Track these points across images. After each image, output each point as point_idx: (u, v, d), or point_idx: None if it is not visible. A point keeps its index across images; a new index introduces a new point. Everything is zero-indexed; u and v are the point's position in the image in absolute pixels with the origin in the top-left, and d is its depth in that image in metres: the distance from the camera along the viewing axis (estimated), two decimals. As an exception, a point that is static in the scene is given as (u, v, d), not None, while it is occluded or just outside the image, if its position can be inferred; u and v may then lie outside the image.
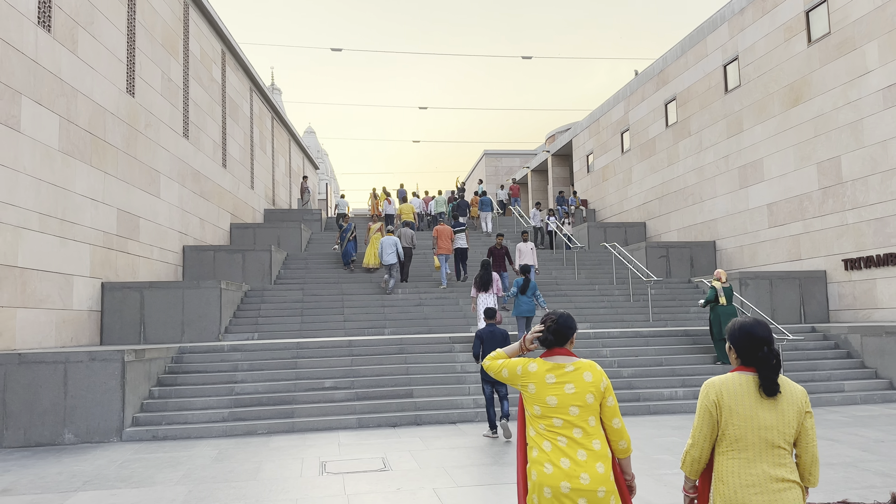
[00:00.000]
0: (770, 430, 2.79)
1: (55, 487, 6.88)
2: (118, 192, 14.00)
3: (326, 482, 6.78)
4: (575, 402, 3.05)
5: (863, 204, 14.65)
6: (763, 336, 2.88)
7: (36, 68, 11.19)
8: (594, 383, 3.09)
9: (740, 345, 2.92)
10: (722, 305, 12.50)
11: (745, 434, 2.80)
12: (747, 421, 2.80)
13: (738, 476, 2.79)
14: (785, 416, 2.81)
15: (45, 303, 11.37)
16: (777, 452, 2.79)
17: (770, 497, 2.74)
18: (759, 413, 2.80)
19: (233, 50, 22.71)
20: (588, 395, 3.06)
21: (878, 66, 14.28)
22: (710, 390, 2.88)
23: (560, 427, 3.05)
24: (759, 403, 2.82)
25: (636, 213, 25.09)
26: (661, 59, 23.45)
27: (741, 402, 2.82)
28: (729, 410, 2.82)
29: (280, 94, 49.93)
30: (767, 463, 2.78)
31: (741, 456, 2.80)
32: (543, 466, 3.01)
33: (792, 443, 2.83)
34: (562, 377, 3.09)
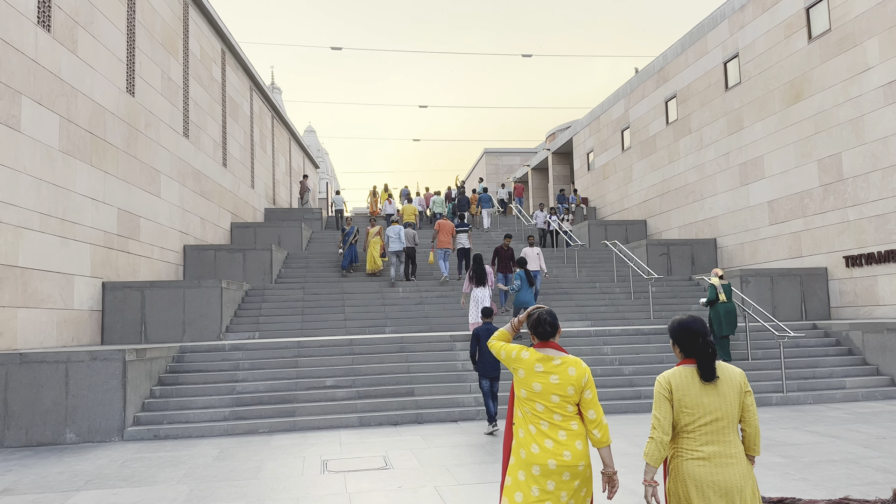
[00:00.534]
0: (715, 413, 3.18)
1: (57, 487, 6.89)
2: (119, 191, 14.00)
3: (328, 481, 6.78)
4: (557, 391, 3.43)
5: (864, 201, 14.64)
6: (699, 329, 3.27)
7: (36, 68, 11.18)
8: (577, 378, 3.46)
9: (681, 339, 3.29)
10: (722, 302, 12.51)
11: (695, 419, 3.18)
12: (695, 408, 3.19)
13: (692, 454, 3.18)
14: (727, 399, 3.20)
15: (47, 302, 11.38)
16: (724, 431, 3.18)
17: (721, 470, 3.13)
18: (704, 400, 3.20)
19: (233, 49, 22.70)
20: (569, 387, 3.44)
21: (878, 62, 14.26)
22: (663, 382, 3.28)
23: (542, 412, 3.45)
24: (703, 391, 3.21)
25: (637, 211, 25.08)
26: (661, 57, 23.43)
27: (688, 392, 3.21)
28: (679, 401, 3.21)
29: (280, 93, 49.94)
30: (717, 442, 3.17)
31: (697, 436, 3.18)
32: (530, 447, 3.40)
33: (737, 421, 3.22)
34: (549, 368, 3.47)
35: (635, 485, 6.29)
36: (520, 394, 3.53)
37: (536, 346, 3.58)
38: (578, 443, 3.40)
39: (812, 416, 9.96)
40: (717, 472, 3.14)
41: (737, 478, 3.15)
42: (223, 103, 21.69)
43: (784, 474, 6.55)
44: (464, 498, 6.00)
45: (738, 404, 3.23)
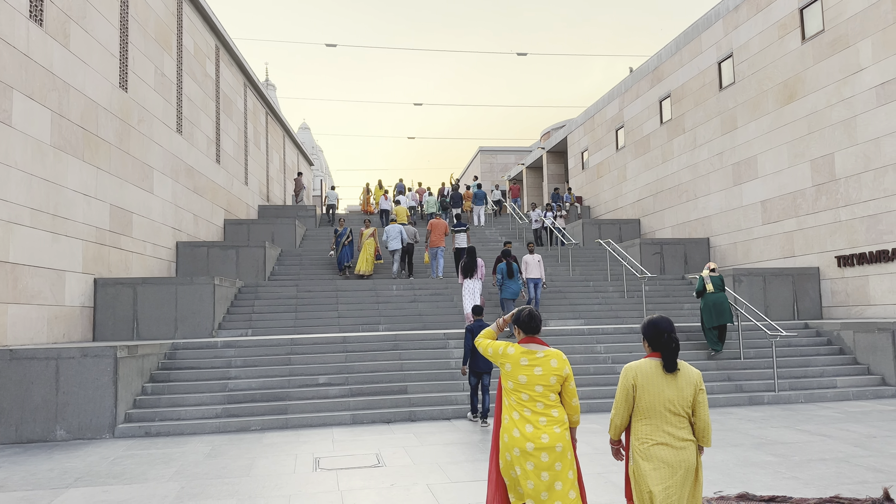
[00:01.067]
0: (672, 402, 3.63)
1: (47, 484, 6.85)
2: (111, 187, 13.93)
3: (320, 478, 6.77)
4: (540, 381, 3.83)
5: (856, 201, 14.69)
6: (665, 327, 3.72)
7: (27, 62, 11.11)
8: (558, 369, 3.87)
9: (649, 335, 3.75)
10: (710, 293, 12.63)
11: (654, 405, 3.64)
12: (655, 396, 3.64)
13: (649, 436, 3.64)
14: (683, 392, 3.65)
15: (37, 298, 11.31)
16: (678, 419, 3.64)
17: (672, 451, 3.59)
18: (664, 390, 3.64)
19: (227, 45, 22.62)
20: (552, 377, 3.84)
21: (871, 63, 14.31)
22: (629, 373, 3.70)
23: (526, 401, 3.83)
24: (664, 382, 3.65)
25: (630, 210, 25.11)
26: (655, 56, 23.46)
27: (651, 382, 3.65)
28: (642, 388, 3.66)
29: (274, 89, 49.79)
30: (671, 426, 3.63)
31: (651, 422, 3.65)
32: (512, 432, 3.79)
33: (689, 412, 3.68)
34: (533, 361, 3.85)
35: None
36: (507, 385, 3.90)
37: (521, 342, 3.96)
38: (556, 427, 3.79)
39: (803, 415, 10.00)
40: (669, 454, 3.60)
41: (685, 459, 3.60)
42: (217, 99, 21.61)
43: (775, 473, 6.57)
44: (456, 495, 6.00)
45: (692, 399, 3.67)
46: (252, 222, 21.61)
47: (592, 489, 6.09)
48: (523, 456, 3.74)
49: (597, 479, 6.44)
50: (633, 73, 25.30)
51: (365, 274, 18.41)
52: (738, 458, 7.24)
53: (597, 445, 8.08)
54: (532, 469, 3.73)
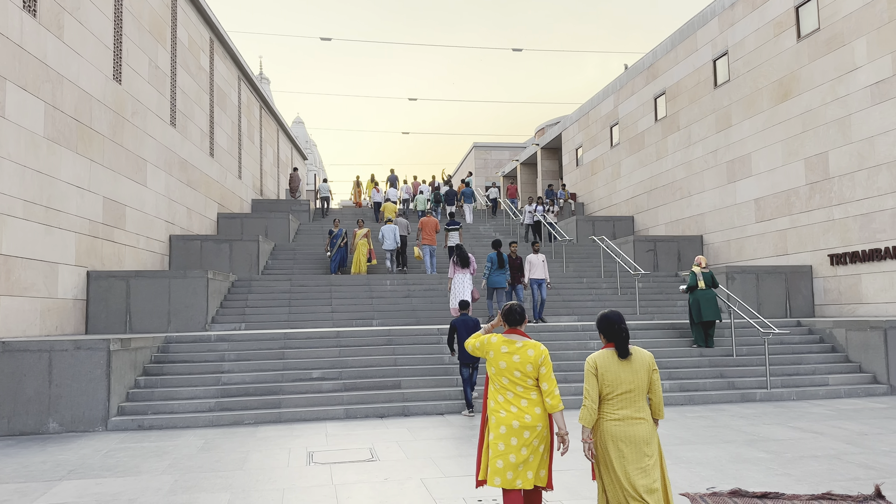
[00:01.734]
0: (629, 385, 4.12)
1: (39, 476, 6.83)
2: (104, 180, 13.86)
3: (314, 472, 6.77)
4: (518, 368, 4.30)
5: (849, 199, 14.76)
6: (615, 319, 4.21)
7: (21, 53, 11.03)
8: (534, 358, 4.32)
9: (603, 327, 4.23)
10: (701, 290, 12.77)
11: (614, 390, 4.13)
12: (613, 381, 4.12)
13: (611, 417, 4.12)
14: (638, 374, 4.14)
15: (30, 291, 11.26)
16: (634, 399, 4.12)
17: (631, 428, 4.09)
18: (621, 375, 4.12)
19: (221, 38, 22.52)
20: (528, 365, 4.30)
21: (866, 62, 14.36)
22: (591, 361, 4.18)
23: (507, 384, 4.33)
24: (620, 368, 4.13)
25: (624, 207, 25.15)
26: (650, 54, 23.48)
27: (609, 369, 4.13)
28: (602, 375, 4.14)
29: (268, 83, 49.64)
30: (630, 407, 4.12)
31: (614, 402, 4.13)
32: (499, 413, 4.31)
33: (646, 392, 4.16)
34: (512, 350, 4.34)
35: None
36: (490, 371, 4.40)
37: (505, 332, 4.45)
38: (537, 409, 4.29)
39: (795, 413, 10.05)
40: (628, 429, 4.08)
41: (643, 433, 4.10)
42: (211, 92, 21.52)
43: (767, 469, 6.61)
44: (449, 490, 6.00)
45: (647, 379, 4.17)
46: (245, 216, 21.55)
47: (585, 484, 6.11)
48: (509, 433, 4.25)
49: (589, 474, 6.45)
50: (628, 70, 25.31)
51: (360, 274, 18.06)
52: (730, 455, 7.27)
53: (590, 441, 8.10)
54: (515, 444, 4.24)
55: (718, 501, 5.48)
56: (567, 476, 6.40)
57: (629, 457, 4.04)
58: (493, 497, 5.74)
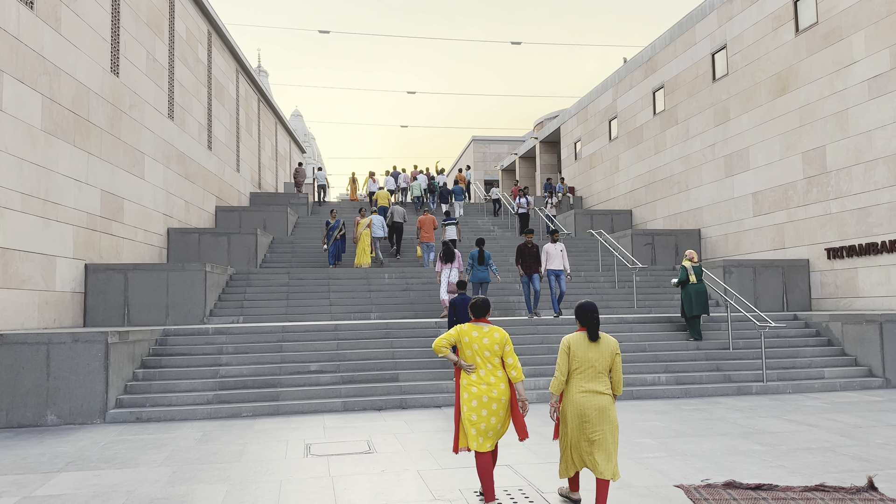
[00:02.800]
0: (595, 363, 5.00)
1: (38, 468, 6.86)
2: (102, 172, 13.86)
3: (311, 464, 6.80)
4: (487, 348, 5.21)
5: (846, 193, 14.78)
6: (590, 308, 5.07)
7: (18, 46, 11.01)
8: (500, 339, 5.24)
9: (579, 315, 5.13)
10: (693, 284, 12.92)
11: (582, 365, 5.01)
12: (583, 359, 5.01)
13: (578, 389, 5.02)
14: (603, 355, 5.02)
15: (28, 284, 11.27)
16: (600, 376, 5.02)
17: (594, 400, 4.96)
18: (589, 354, 5.01)
19: (219, 30, 22.47)
20: (496, 345, 5.23)
21: (864, 56, 14.36)
22: (565, 341, 5.10)
23: (480, 363, 5.22)
24: (589, 348, 5.03)
25: (623, 201, 25.18)
26: (649, 47, 23.46)
27: (579, 349, 5.03)
28: (573, 353, 5.04)
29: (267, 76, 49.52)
30: (594, 382, 5.00)
31: (579, 378, 5.03)
32: (471, 389, 5.18)
33: (608, 371, 5.05)
34: (481, 334, 5.25)
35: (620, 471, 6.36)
36: (465, 353, 5.26)
37: (472, 322, 5.37)
38: (502, 384, 5.19)
39: (791, 405, 10.09)
40: (592, 400, 4.97)
41: (604, 404, 4.97)
42: (209, 85, 21.49)
43: (762, 461, 6.65)
44: (446, 481, 6.04)
45: (611, 360, 5.05)
46: (244, 209, 21.54)
47: (582, 476, 6.15)
48: (480, 404, 5.15)
49: (586, 467, 6.51)
50: (626, 64, 25.29)
51: (363, 266, 17.78)
52: (725, 447, 7.31)
53: (586, 433, 8.15)
54: (485, 415, 5.16)
55: (713, 493, 5.51)
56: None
57: (590, 422, 4.97)
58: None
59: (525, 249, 13.93)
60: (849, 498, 5.36)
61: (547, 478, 6.11)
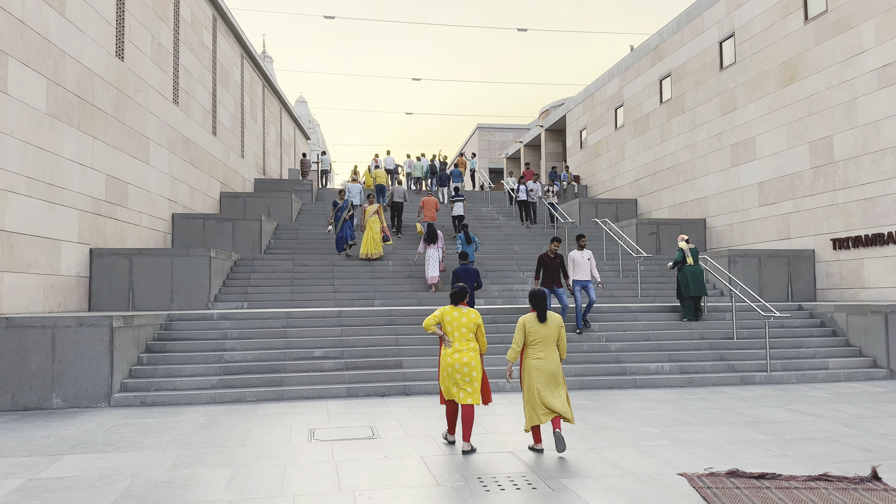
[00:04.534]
0: (546, 336, 6.57)
1: (43, 451, 6.90)
2: (107, 157, 13.85)
3: (315, 449, 6.82)
4: (465, 325, 6.75)
5: (853, 184, 14.70)
6: (540, 295, 6.61)
7: (23, 29, 10.98)
8: (474, 319, 6.79)
9: (532, 300, 6.65)
10: (689, 265, 13.25)
11: (535, 339, 6.58)
12: (535, 334, 6.58)
13: (533, 356, 6.58)
14: (551, 330, 6.60)
15: (33, 267, 11.30)
16: (548, 346, 6.57)
17: (545, 364, 6.52)
18: (541, 330, 6.58)
19: (224, 15, 22.38)
20: (471, 323, 6.76)
21: (873, 45, 14.23)
22: (521, 321, 6.64)
23: (457, 337, 6.73)
24: (540, 326, 6.59)
25: (628, 190, 25.09)
26: (656, 35, 23.29)
27: (533, 326, 6.59)
28: (528, 329, 6.60)
29: (271, 61, 49.37)
30: (545, 351, 6.56)
31: (533, 348, 6.60)
32: (447, 356, 6.70)
33: (555, 342, 6.62)
34: (460, 314, 6.80)
35: (622, 458, 6.37)
36: (447, 329, 6.78)
37: (452, 305, 6.90)
38: (473, 353, 6.71)
39: (794, 395, 10.09)
40: (544, 365, 6.54)
41: (553, 367, 6.55)
42: (213, 71, 21.43)
43: (765, 451, 6.65)
44: (449, 466, 6.06)
45: (557, 334, 6.62)
46: (248, 195, 21.53)
47: (584, 463, 6.17)
48: (453, 370, 6.67)
49: (588, 454, 6.51)
50: (633, 52, 25.13)
51: (371, 257, 16.81)
52: (729, 436, 7.31)
53: (589, 422, 8.16)
54: (459, 378, 6.66)
55: (716, 482, 5.52)
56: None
57: (543, 383, 6.51)
58: (493, 475, 5.79)
59: (547, 260, 12.20)
60: (852, 488, 5.36)
61: (549, 465, 6.12)
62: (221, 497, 5.27)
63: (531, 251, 19.01)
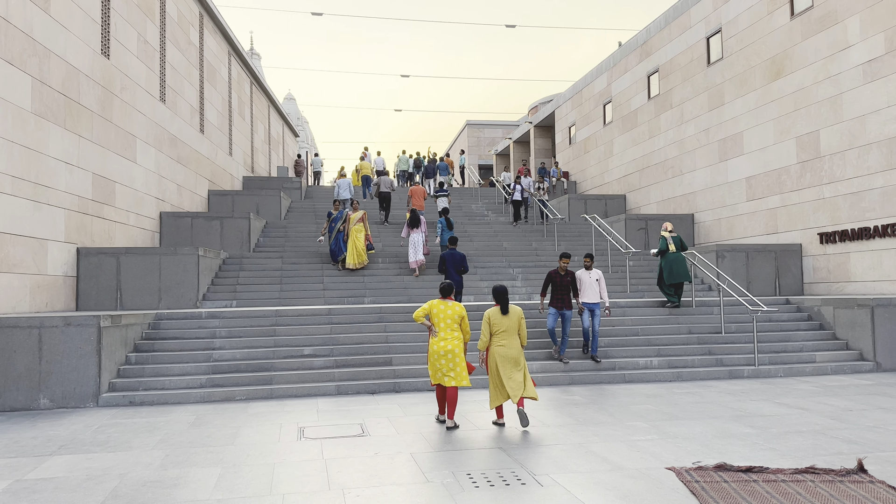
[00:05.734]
0: (508, 327, 7.55)
1: (30, 451, 6.85)
2: (93, 156, 13.75)
3: (304, 447, 6.82)
4: (450, 317, 7.67)
5: (839, 178, 14.80)
6: (501, 290, 7.57)
7: (7, 26, 10.88)
8: (459, 311, 7.71)
9: (495, 295, 7.61)
10: (671, 252, 13.51)
11: (499, 329, 7.54)
12: (498, 325, 7.53)
13: (497, 344, 7.55)
14: (512, 321, 7.56)
15: (19, 267, 11.21)
16: (510, 335, 7.55)
17: (508, 350, 7.49)
18: (503, 321, 7.55)
19: (211, 12, 22.24)
20: (456, 315, 7.69)
21: (858, 40, 14.32)
22: (486, 314, 7.60)
23: (443, 327, 7.65)
24: (502, 318, 7.56)
25: (616, 186, 25.16)
26: (644, 31, 23.35)
27: (496, 318, 7.56)
28: (492, 321, 7.55)
29: (259, 59, 49.13)
30: (507, 340, 7.54)
31: (499, 337, 7.55)
32: (434, 345, 7.63)
33: (517, 331, 7.58)
34: (446, 307, 7.71)
35: (610, 453, 6.39)
36: (435, 321, 7.70)
37: (440, 299, 7.83)
38: (457, 341, 7.65)
39: (782, 389, 10.16)
40: (507, 351, 7.52)
41: (514, 353, 7.53)
42: (201, 68, 21.30)
43: (753, 444, 6.69)
44: (438, 463, 6.06)
45: (517, 324, 7.62)
46: (236, 193, 21.44)
47: (573, 458, 6.19)
48: (439, 356, 7.61)
49: (577, 449, 6.53)
50: (621, 48, 25.18)
51: (356, 268, 16.05)
52: (716, 430, 7.36)
53: (578, 417, 8.18)
54: (444, 362, 7.61)
55: (704, 475, 5.55)
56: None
57: (505, 367, 7.51)
58: (482, 471, 5.80)
59: (556, 277, 11.26)
60: (839, 480, 5.41)
61: (539, 461, 6.14)
62: (210, 496, 5.25)
63: (520, 247, 19.04)
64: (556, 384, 10.86)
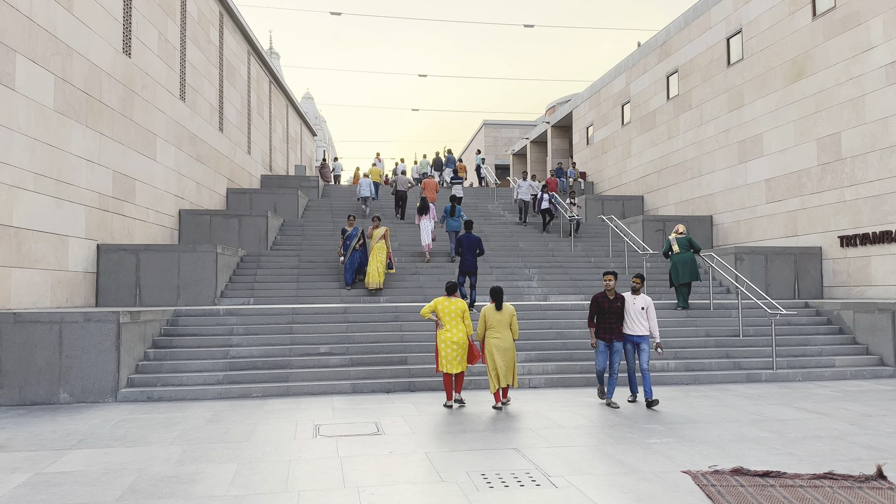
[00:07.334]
0: (501, 321, 8.87)
1: (50, 445, 6.94)
2: (114, 153, 13.90)
3: (320, 445, 6.85)
4: (454, 312, 8.92)
5: (861, 181, 14.63)
6: (497, 291, 8.88)
7: (31, 25, 11.02)
8: (462, 307, 8.93)
9: (492, 294, 8.89)
10: (676, 253, 13.72)
11: (493, 324, 8.85)
12: (493, 320, 8.85)
13: (492, 336, 8.84)
14: (505, 317, 8.90)
15: (41, 263, 11.35)
16: (503, 329, 8.87)
17: (501, 342, 8.81)
18: (497, 316, 8.87)
19: (231, 12, 22.40)
20: (459, 311, 8.91)
21: (882, 41, 14.15)
22: (483, 311, 8.92)
23: (449, 320, 8.87)
24: (496, 314, 8.87)
25: (634, 187, 25.03)
26: (664, 31, 23.21)
27: (491, 314, 8.87)
28: (487, 317, 8.86)
29: (278, 58, 49.40)
30: (501, 333, 8.86)
31: (493, 330, 8.86)
32: (443, 335, 8.86)
33: (508, 325, 8.89)
34: (450, 303, 8.95)
35: (626, 455, 6.37)
36: (441, 314, 8.87)
37: (445, 296, 9.01)
38: (461, 334, 8.83)
39: (800, 393, 10.06)
40: (500, 343, 8.75)
41: (506, 345, 8.77)
42: (220, 67, 21.46)
43: (771, 449, 6.64)
44: (453, 463, 6.07)
45: (509, 319, 8.84)
46: (255, 192, 21.58)
47: (588, 460, 6.17)
48: (448, 346, 8.79)
49: (592, 452, 6.52)
50: (640, 48, 25.04)
51: (377, 288, 14.88)
52: (733, 434, 7.31)
53: (592, 418, 8.16)
54: (451, 352, 8.77)
55: (720, 479, 5.51)
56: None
57: (499, 355, 8.69)
58: (497, 471, 5.81)
59: (604, 303, 9.16)
60: (857, 486, 5.35)
61: (553, 462, 6.13)
62: (226, 492, 5.30)
63: (536, 247, 18.99)
64: (571, 386, 10.83)
